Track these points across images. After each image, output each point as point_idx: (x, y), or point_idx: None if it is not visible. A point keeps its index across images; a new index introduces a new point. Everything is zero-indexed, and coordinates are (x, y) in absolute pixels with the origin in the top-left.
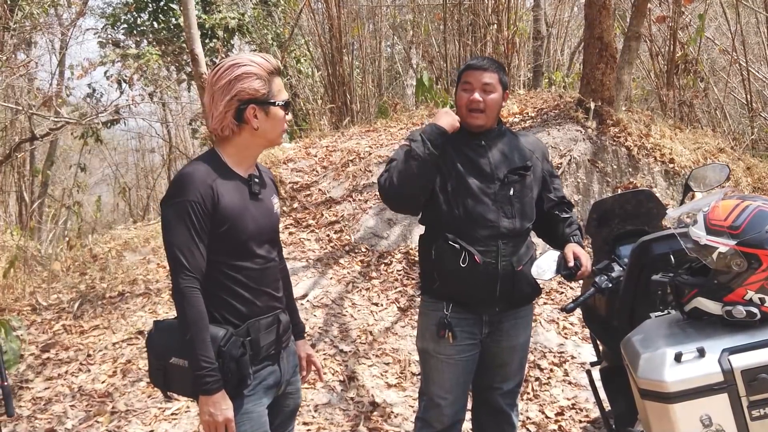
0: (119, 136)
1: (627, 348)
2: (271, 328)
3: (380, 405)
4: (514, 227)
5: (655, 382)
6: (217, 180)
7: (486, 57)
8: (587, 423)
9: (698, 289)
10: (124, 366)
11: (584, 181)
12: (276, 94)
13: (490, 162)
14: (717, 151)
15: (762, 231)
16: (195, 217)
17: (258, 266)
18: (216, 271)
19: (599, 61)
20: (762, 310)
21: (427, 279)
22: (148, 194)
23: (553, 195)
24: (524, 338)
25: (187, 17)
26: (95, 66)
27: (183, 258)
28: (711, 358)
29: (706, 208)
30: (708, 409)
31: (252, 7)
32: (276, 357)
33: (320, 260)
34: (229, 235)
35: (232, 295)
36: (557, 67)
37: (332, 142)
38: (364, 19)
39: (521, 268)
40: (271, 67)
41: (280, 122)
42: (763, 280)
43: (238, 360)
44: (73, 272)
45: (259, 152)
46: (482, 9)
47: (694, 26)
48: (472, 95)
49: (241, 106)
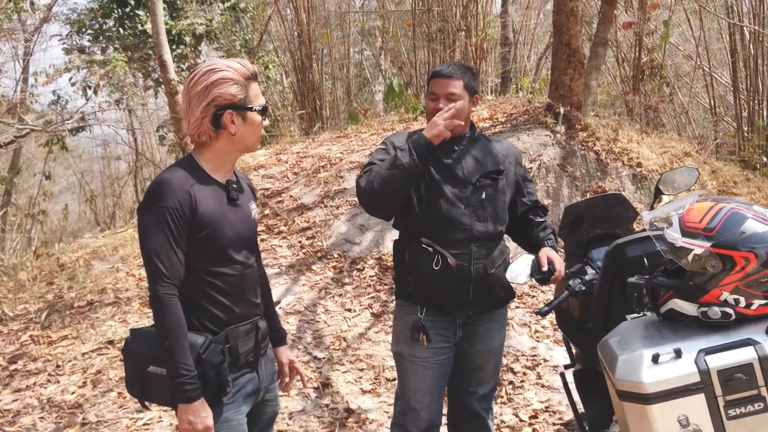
0: (84, 143)
1: (604, 350)
2: (250, 335)
3: (355, 411)
4: (487, 231)
5: (633, 384)
6: (195, 186)
7: (453, 63)
8: (561, 426)
9: (674, 290)
10: (94, 376)
11: (554, 186)
12: (253, 100)
13: (462, 167)
14: (683, 154)
15: (736, 233)
16: (173, 224)
17: (236, 272)
18: (194, 277)
19: (567, 67)
20: (737, 310)
21: (401, 283)
22: (114, 202)
23: (527, 199)
24: (498, 342)
25: (155, 23)
26: (61, 72)
27: (161, 265)
28: (688, 358)
29: (681, 211)
30: (685, 410)
31: (220, 14)
32: (254, 364)
33: (293, 267)
34: (207, 241)
35: (211, 302)
36: (524, 73)
37: (303, 148)
38: (332, 26)
39: (494, 271)
40: (248, 73)
41: (257, 128)
42: (737, 281)
43: (218, 367)
44: (40, 282)
45: (236, 158)
46: (451, 15)
47: (659, 32)
48: (437, 105)
49: (218, 112)
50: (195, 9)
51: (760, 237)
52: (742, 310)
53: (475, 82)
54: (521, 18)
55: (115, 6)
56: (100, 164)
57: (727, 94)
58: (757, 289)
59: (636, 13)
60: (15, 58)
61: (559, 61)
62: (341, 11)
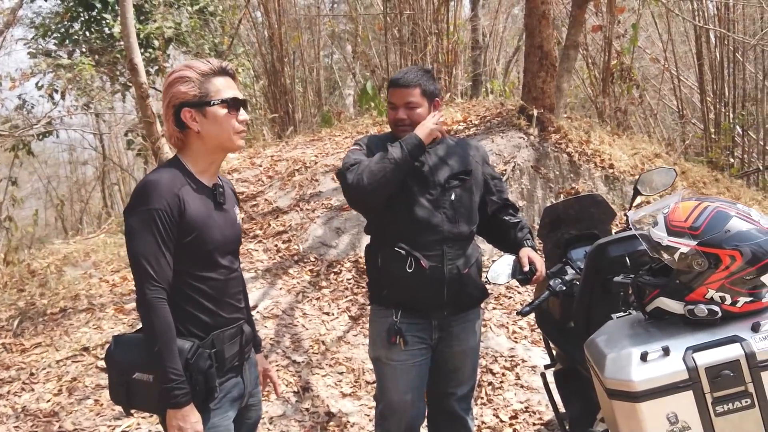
0: (50, 148)
1: (591, 349)
2: (235, 339)
3: (336, 415)
4: (459, 231)
5: (622, 382)
6: (183, 188)
7: (410, 69)
8: (541, 425)
9: (660, 289)
10: (69, 384)
11: (528, 187)
12: (213, 94)
13: (430, 168)
14: (653, 156)
15: (721, 231)
16: (161, 226)
17: (222, 277)
18: (180, 281)
19: (540, 70)
20: (723, 308)
21: (375, 287)
22: (81, 208)
23: (497, 198)
24: (474, 342)
25: (125, 26)
26: (28, 77)
27: (149, 268)
28: (676, 356)
29: (666, 210)
30: (674, 407)
31: (188, 17)
32: (239, 368)
33: (269, 271)
34: (194, 245)
35: (197, 307)
36: (494, 76)
37: (277, 151)
38: (302, 29)
39: (467, 271)
40: (206, 69)
41: (224, 122)
42: (723, 278)
43: (206, 372)
44: (11, 289)
45: (217, 159)
46: (422, 19)
47: (628, 36)
48: (396, 114)
49: (176, 111)
50: (163, 12)
51: (745, 235)
52: (728, 308)
53: (433, 86)
54: (490, 22)
55: (81, 9)
56: (66, 169)
57: (693, 96)
58: (742, 286)
59: (605, 16)
60: None
61: (531, 64)
62: (312, 15)
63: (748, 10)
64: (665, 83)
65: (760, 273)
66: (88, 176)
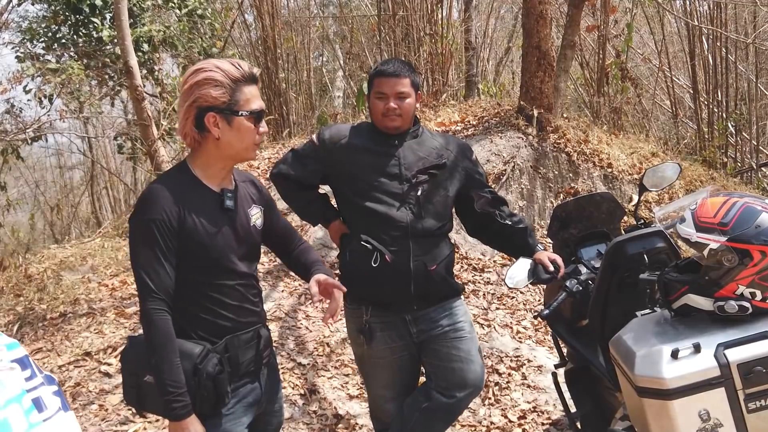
0: (37, 152)
1: (618, 347)
2: (251, 343)
3: (344, 417)
4: (424, 227)
5: (653, 379)
6: (185, 195)
7: (395, 60)
8: (549, 425)
9: (688, 286)
10: (73, 389)
11: (528, 187)
12: (242, 104)
13: (399, 163)
14: (650, 155)
15: (751, 226)
16: (160, 237)
17: (233, 281)
18: (190, 289)
19: (538, 70)
20: (753, 304)
21: (344, 283)
22: (70, 212)
23: (482, 191)
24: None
25: (120, 29)
26: (18, 80)
27: (148, 279)
28: (707, 353)
29: (693, 206)
30: (706, 404)
31: (177, 20)
32: (256, 374)
33: (270, 273)
34: (199, 252)
35: (208, 313)
36: (485, 77)
37: (274, 153)
38: (296, 31)
39: (435, 267)
40: (238, 75)
41: (246, 134)
42: (753, 274)
43: (215, 378)
44: (8, 294)
45: (230, 166)
46: (415, 20)
47: (622, 36)
48: (387, 104)
49: (200, 113)
50: (152, 15)
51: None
52: (759, 304)
53: (417, 78)
54: (481, 23)
55: (69, 13)
56: (53, 174)
57: (686, 96)
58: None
59: (600, 16)
60: None
61: (529, 64)
62: (305, 16)
63: (740, 10)
64: (658, 83)
65: None
66: (76, 181)
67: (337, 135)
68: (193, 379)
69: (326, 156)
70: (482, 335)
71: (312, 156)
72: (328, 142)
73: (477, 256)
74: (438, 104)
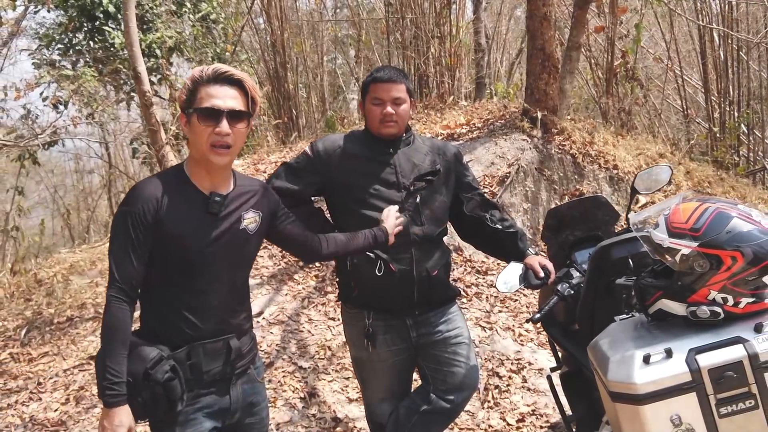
0: (56, 157)
1: (595, 351)
2: (218, 353)
3: (342, 420)
4: (425, 233)
5: (625, 384)
6: (169, 193)
7: (390, 67)
8: (548, 428)
9: (662, 291)
10: (77, 393)
11: (532, 189)
12: (196, 103)
13: (396, 171)
14: (658, 156)
15: (722, 232)
16: (132, 229)
17: (206, 287)
18: (163, 287)
19: (542, 72)
20: (725, 309)
21: (345, 289)
22: (88, 216)
23: (471, 194)
24: (460, 330)
25: (128, 36)
26: (33, 87)
27: (114, 268)
28: (678, 358)
29: (667, 212)
30: (677, 409)
31: (191, 25)
32: (224, 384)
33: (274, 277)
34: (173, 250)
35: (177, 315)
36: (498, 78)
37: (281, 157)
38: (306, 35)
39: (436, 272)
40: (197, 75)
41: (199, 133)
42: (725, 280)
43: (164, 385)
44: (18, 298)
45: (210, 167)
46: (423, 23)
47: (631, 36)
48: (384, 109)
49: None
50: (165, 21)
51: (746, 236)
52: (731, 309)
53: (411, 85)
54: (493, 24)
55: (85, 20)
56: (72, 178)
57: (697, 95)
58: (744, 287)
59: (607, 16)
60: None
61: (533, 66)
62: (314, 20)
63: (752, 8)
64: (669, 83)
65: (762, 273)
66: (95, 185)
67: (331, 145)
68: (143, 382)
69: (322, 167)
70: (484, 338)
71: (307, 168)
72: (322, 153)
73: (481, 258)
74: (444, 107)
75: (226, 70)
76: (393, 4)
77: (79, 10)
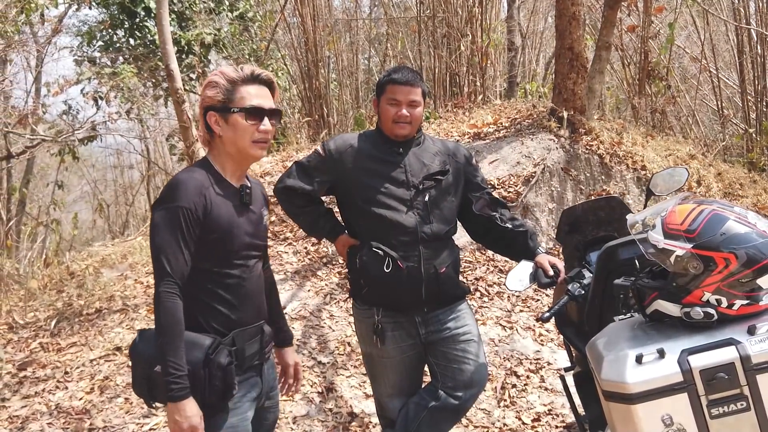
0: (97, 152)
1: (592, 351)
2: (256, 338)
3: (358, 416)
4: (433, 232)
5: (617, 384)
6: (211, 188)
7: (406, 68)
8: (563, 428)
9: (658, 292)
10: (101, 383)
11: (558, 190)
12: (237, 102)
13: (406, 170)
14: (688, 157)
15: (716, 234)
16: (184, 224)
17: (245, 276)
18: (204, 279)
19: (570, 71)
20: (719, 310)
21: (355, 286)
22: (126, 210)
23: (479, 193)
24: (469, 327)
25: (162, 33)
26: (71, 83)
27: (166, 262)
28: (671, 358)
29: (664, 213)
30: (669, 409)
31: (228, 23)
32: (259, 368)
33: (298, 273)
34: (218, 244)
35: (220, 304)
36: (532, 78)
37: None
38: (340, 32)
39: (445, 270)
40: (235, 76)
41: (242, 131)
42: (719, 281)
43: (225, 369)
44: (50, 290)
45: (241, 163)
46: (456, 21)
47: (665, 35)
48: (400, 111)
49: (205, 114)
50: (204, 19)
51: (741, 238)
52: (724, 311)
53: (426, 87)
54: (528, 22)
55: (125, 17)
56: (113, 173)
57: (734, 95)
58: (738, 289)
59: (640, 15)
60: (27, 69)
61: (561, 66)
62: (347, 18)
63: None
64: (705, 83)
65: (756, 276)
66: (135, 180)
67: (342, 144)
68: (203, 369)
69: (333, 166)
70: (504, 337)
71: (319, 167)
72: (334, 152)
73: (504, 258)
74: (473, 106)
75: (261, 71)
76: (425, 2)
77: (119, 7)
